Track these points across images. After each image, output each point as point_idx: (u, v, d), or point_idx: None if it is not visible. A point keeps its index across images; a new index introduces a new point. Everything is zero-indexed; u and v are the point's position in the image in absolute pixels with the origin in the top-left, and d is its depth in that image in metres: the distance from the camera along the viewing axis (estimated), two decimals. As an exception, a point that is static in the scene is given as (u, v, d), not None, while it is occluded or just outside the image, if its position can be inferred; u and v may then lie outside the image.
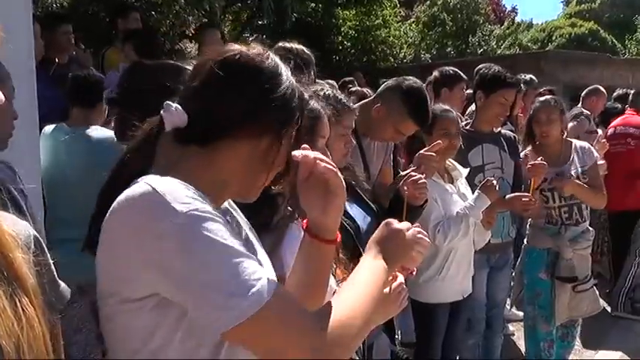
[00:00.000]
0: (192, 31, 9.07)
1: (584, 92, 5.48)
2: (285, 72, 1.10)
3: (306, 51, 2.66)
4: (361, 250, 1.65)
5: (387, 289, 1.15)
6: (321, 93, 1.83)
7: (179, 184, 0.95)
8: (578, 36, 20.90)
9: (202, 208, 0.92)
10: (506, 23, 22.14)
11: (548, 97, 3.45)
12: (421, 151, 2.34)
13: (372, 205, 2.01)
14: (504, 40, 19.80)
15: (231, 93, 1.03)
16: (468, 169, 2.76)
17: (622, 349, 4.17)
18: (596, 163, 3.35)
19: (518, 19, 27.31)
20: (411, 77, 2.59)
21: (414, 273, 1.51)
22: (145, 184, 0.94)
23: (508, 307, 3.99)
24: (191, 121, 1.03)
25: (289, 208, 1.37)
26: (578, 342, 4.19)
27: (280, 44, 2.75)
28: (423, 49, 16.78)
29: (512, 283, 3.54)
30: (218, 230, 0.92)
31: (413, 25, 17.17)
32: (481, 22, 17.96)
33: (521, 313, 3.59)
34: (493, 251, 3.09)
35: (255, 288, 0.88)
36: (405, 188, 2.00)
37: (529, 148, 3.33)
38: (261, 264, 0.99)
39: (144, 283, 0.93)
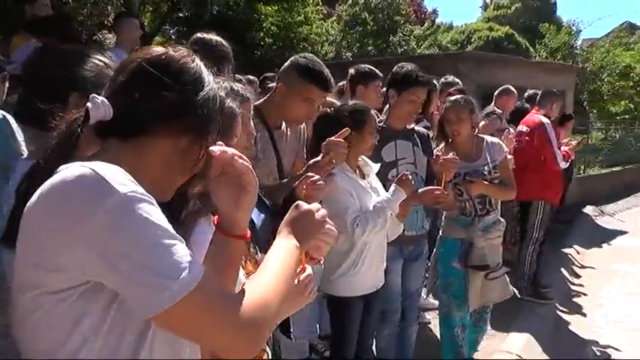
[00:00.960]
0: (111, 21, 8.75)
1: (496, 92, 5.74)
2: (208, 77, 1.13)
3: (224, 43, 2.66)
4: (256, 246, 1.67)
5: (295, 281, 1.17)
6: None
7: (116, 167, 0.96)
8: (495, 39, 21.90)
9: (139, 190, 0.94)
10: (426, 24, 22.77)
11: (458, 97, 3.54)
12: (330, 138, 2.36)
13: (266, 202, 2.03)
14: (424, 41, 20.37)
15: (155, 90, 1.04)
16: (379, 165, 2.81)
17: (528, 331, 4.43)
18: (507, 158, 3.51)
19: (438, 20, 28.29)
20: (306, 54, 2.68)
21: (322, 262, 1.53)
22: (80, 167, 0.94)
23: (424, 297, 4.15)
24: (115, 115, 1.04)
25: (198, 203, 1.35)
26: (492, 323, 4.43)
27: (198, 35, 2.73)
28: (344, 47, 16.98)
29: (427, 274, 3.68)
30: (154, 212, 0.94)
31: (334, 23, 17.32)
32: (402, 22, 18.36)
33: (436, 302, 3.72)
34: (407, 243, 3.17)
35: (186, 271, 0.91)
36: (303, 187, 2.02)
37: (442, 145, 3.46)
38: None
39: (73, 268, 0.92)
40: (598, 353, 4.35)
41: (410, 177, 2.78)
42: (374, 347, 3.21)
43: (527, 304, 4.99)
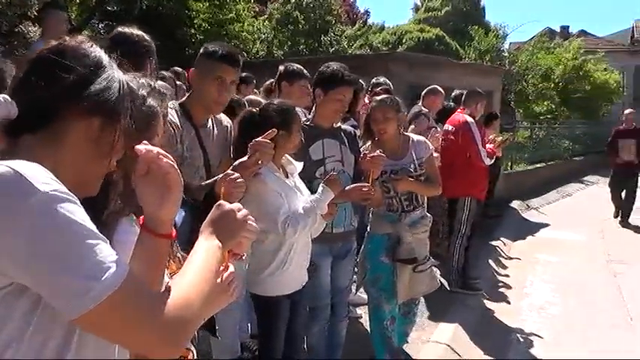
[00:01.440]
0: (35, 13, 8.34)
1: (423, 91, 5.91)
2: (110, 63, 1.11)
3: (146, 38, 2.61)
4: (176, 244, 1.67)
5: (218, 279, 1.16)
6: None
7: (37, 165, 0.94)
8: (426, 40, 22.41)
9: (62, 189, 0.93)
10: (357, 25, 23.01)
11: (384, 96, 3.62)
12: (256, 139, 2.37)
13: (187, 199, 2.03)
14: (356, 41, 20.55)
15: (53, 75, 1.03)
16: (301, 164, 2.82)
17: (458, 321, 4.59)
18: (432, 155, 3.62)
19: (370, 21, 28.69)
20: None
21: (244, 257, 1.54)
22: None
23: (354, 292, 4.22)
24: (20, 111, 1.02)
25: (119, 203, 1.33)
26: (423, 317, 4.58)
27: (119, 29, 2.66)
28: (276, 45, 16.90)
29: (356, 269, 3.75)
30: (77, 212, 0.93)
31: (266, 21, 17.21)
32: (333, 22, 18.46)
33: (366, 297, 3.78)
34: (336, 240, 3.21)
35: (110, 271, 0.90)
36: (222, 185, 2.02)
37: (369, 143, 3.53)
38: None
39: None
40: (521, 339, 4.56)
41: (337, 176, 2.83)
42: (304, 345, 3.25)
43: (457, 296, 5.17)
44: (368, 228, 3.65)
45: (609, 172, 9.76)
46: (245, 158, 2.36)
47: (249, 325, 3.63)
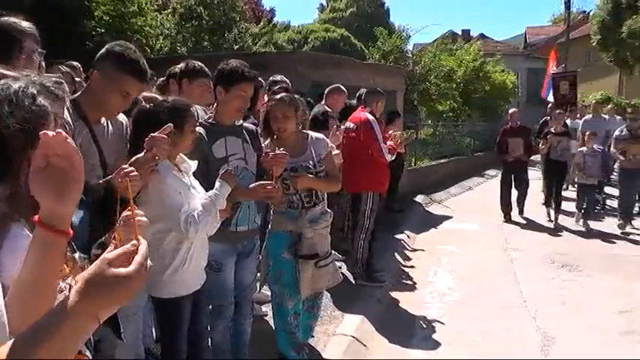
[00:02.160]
0: None
1: (326, 90, 6.01)
2: None
3: (20, 27, 2.37)
4: (73, 244, 1.62)
5: (130, 268, 1.02)
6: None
7: None
8: (331, 40, 22.83)
9: None
10: (262, 23, 22.96)
11: (283, 95, 3.64)
12: (153, 134, 2.33)
13: (84, 199, 1.98)
14: (261, 39, 20.49)
15: None
16: (196, 162, 2.79)
17: (363, 313, 4.71)
18: (330, 153, 3.69)
19: (276, 19, 28.77)
20: (120, 41, 2.61)
21: None
22: None
23: (258, 289, 4.23)
24: None
25: (6, 207, 1.22)
26: (328, 311, 4.67)
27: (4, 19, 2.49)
28: (179, 41, 16.51)
29: (259, 267, 3.76)
30: None
31: (169, 16, 16.75)
32: (238, 19, 18.30)
33: (269, 293, 3.81)
34: (240, 238, 3.21)
35: None
36: (119, 179, 1.99)
37: (269, 140, 3.56)
38: None
39: None
40: (424, 326, 4.76)
41: (232, 170, 2.84)
42: (209, 344, 3.23)
43: (363, 289, 5.31)
44: (269, 226, 3.67)
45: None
46: (141, 154, 2.31)
47: (153, 330, 3.55)
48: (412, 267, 6.49)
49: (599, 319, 4.95)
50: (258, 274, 3.76)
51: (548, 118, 10.31)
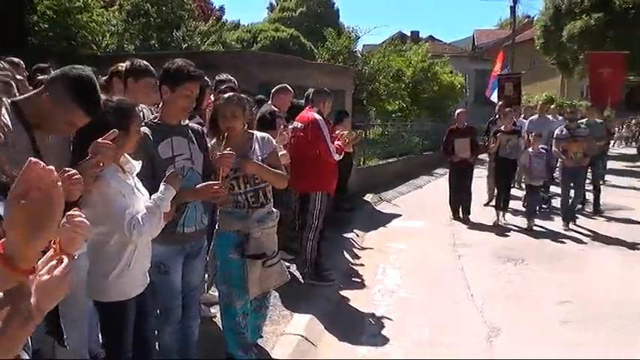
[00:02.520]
0: None
1: (273, 90, 6.01)
2: None
3: None
4: None
5: (56, 271, 1.06)
6: None
7: None
8: (281, 40, 22.85)
9: None
10: (210, 21, 22.66)
11: (232, 94, 3.66)
12: (97, 141, 2.29)
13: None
14: (209, 38, 20.21)
15: None
16: (140, 162, 2.75)
17: (313, 312, 4.73)
18: (275, 151, 3.71)
19: (225, 18, 28.53)
20: (80, 66, 2.45)
21: (75, 257, 1.48)
22: None
23: (206, 291, 4.21)
24: None
25: None
26: (277, 311, 4.67)
27: None
28: (127, 39, 16.13)
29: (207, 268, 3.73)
30: None
31: (116, 12, 16.31)
32: (186, 17, 18.03)
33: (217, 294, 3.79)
34: (187, 240, 3.18)
35: None
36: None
37: (215, 140, 3.54)
38: None
39: None
40: (373, 323, 4.83)
41: (178, 172, 2.82)
42: (157, 347, 3.19)
43: (312, 288, 5.34)
44: (216, 226, 3.65)
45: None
46: (85, 161, 2.27)
47: (99, 335, 3.48)
48: (361, 265, 6.57)
49: (542, 310, 5.16)
50: (207, 276, 3.74)
51: (497, 117, 10.40)
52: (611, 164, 14.42)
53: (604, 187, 11.05)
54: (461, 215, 9.19)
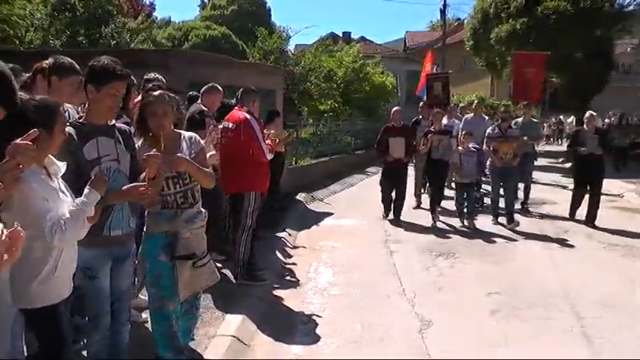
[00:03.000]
0: None
1: (202, 89, 5.93)
2: None
3: None
4: None
5: None
6: None
7: None
8: (212, 38, 22.52)
9: None
10: (140, 18, 22.06)
11: (161, 92, 3.61)
12: (15, 141, 2.19)
13: None
14: (139, 35, 19.67)
15: None
16: (65, 164, 2.67)
17: (245, 312, 4.72)
18: (203, 151, 3.68)
19: (156, 15, 27.84)
20: None
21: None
22: None
23: (136, 295, 4.12)
24: None
25: None
26: (210, 312, 4.63)
27: None
28: (52, 34, 15.42)
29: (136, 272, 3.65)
30: None
31: (40, 6, 15.54)
32: (115, 12, 17.43)
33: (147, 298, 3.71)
34: (115, 243, 3.11)
35: None
36: None
37: (142, 140, 3.47)
38: None
39: None
40: (305, 321, 4.87)
41: (103, 175, 2.75)
42: (85, 354, 3.10)
43: (245, 288, 5.32)
44: (145, 228, 3.58)
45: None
46: (3, 162, 2.17)
47: (24, 345, 3.33)
48: (293, 264, 6.61)
49: (472, 301, 5.40)
50: (136, 280, 3.66)
51: (420, 117, 10.48)
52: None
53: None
54: (392, 216, 9.07)
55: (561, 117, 32.60)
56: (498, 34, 22.02)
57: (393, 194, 9.07)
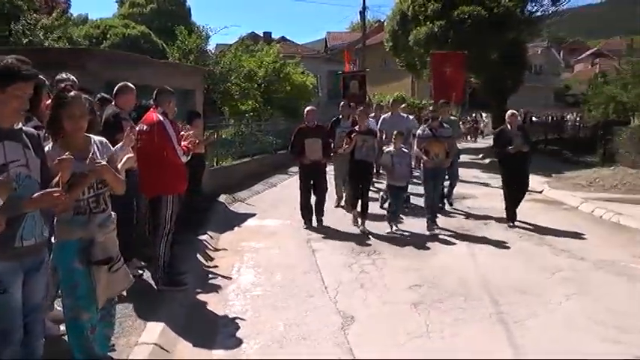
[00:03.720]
0: None
1: (115, 89, 5.72)
2: None
3: None
4: None
5: None
6: None
7: None
8: (131, 37, 21.88)
9: None
10: (54, 14, 20.99)
11: (77, 93, 3.48)
12: None
13: None
14: (53, 32, 18.74)
15: None
16: None
17: (167, 319, 4.63)
18: (113, 156, 3.62)
19: (72, 12, 26.61)
20: None
21: None
22: None
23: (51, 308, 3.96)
24: None
25: None
26: (131, 321, 4.52)
27: None
28: (-46, 30, 14.43)
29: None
30: None
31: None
32: (26, 8, 16.50)
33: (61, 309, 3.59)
34: (27, 254, 2.96)
35: None
36: None
37: (52, 143, 3.34)
38: None
39: None
40: (228, 324, 4.84)
41: (11, 179, 2.64)
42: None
43: (167, 294, 5.23)
44: (54, 236, 3.42)
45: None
46: None
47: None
48: (215, 267, 6.56)
49: (394, 295, 5.57)
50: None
51: (340, 116, 10.03)
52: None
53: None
54: (314, 220, 8.75)
55: (476, 115, 34.23)
56: (417, 36, 22.81)
57: (313, 200, 8.74)
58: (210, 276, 6.19)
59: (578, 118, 27.71)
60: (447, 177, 9.52)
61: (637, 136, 14.72)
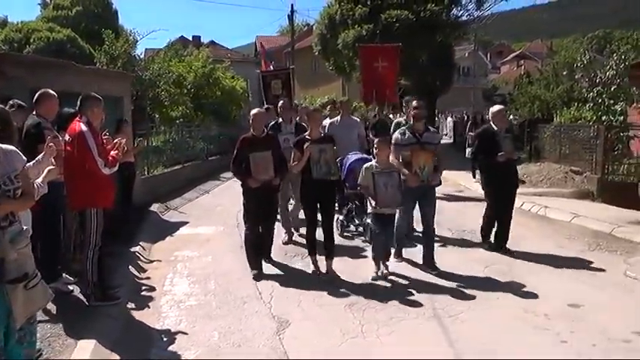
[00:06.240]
0: None
1: (36, 96, 5.41)
2: None
3: None
4: None
5: None
6: None
7: None
8: (57, 41, 20.95)
9: None
10: (-29, 17, 19.97)
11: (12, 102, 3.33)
12: None
13: None
14: (-30, 37, 17.84)
15: None
16: None
17: (99, 335, 4.47)
18: (25, 168, 3.39)
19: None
20: None
21: None
22: None
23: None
24: None
25: None
26: (61, 341, 4.36)
27: None
28: None
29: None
30: None
31: None
32: None
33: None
34: None
35: None
36: None
37: None
38: None
39: None
40: (163, 336, 4.77)
41: None
42: None
43: (98, 309, 5.03)
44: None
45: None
46: None
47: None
48: (148, 278, 6.42)
49: (328, 297, 5.63)
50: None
51: (280, 120, 8.30)
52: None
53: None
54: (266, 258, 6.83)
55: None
56: (345, 40, 23.19)
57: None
58: (143, 288, 6.05)
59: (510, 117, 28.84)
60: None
61: (559, 133, 15.48)
